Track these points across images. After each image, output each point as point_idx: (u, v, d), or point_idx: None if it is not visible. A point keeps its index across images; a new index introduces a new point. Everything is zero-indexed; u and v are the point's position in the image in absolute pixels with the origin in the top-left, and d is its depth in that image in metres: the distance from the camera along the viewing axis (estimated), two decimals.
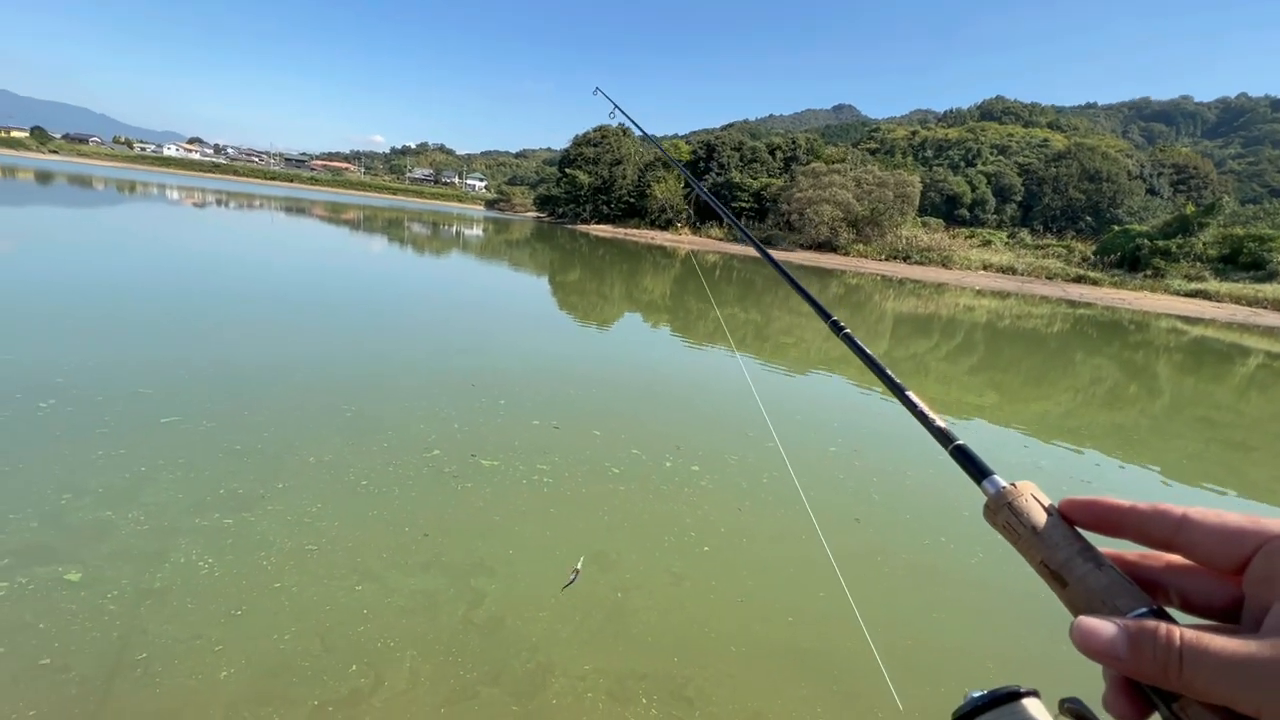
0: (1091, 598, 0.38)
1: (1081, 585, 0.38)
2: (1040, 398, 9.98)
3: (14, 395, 4.70)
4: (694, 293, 20.28)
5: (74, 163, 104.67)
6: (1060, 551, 0.40)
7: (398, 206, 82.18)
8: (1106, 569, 0.38)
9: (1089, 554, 0.39)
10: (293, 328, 8.42)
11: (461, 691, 2.53)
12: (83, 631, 2.60)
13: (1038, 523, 0.41)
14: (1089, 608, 0.37)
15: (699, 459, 5.08)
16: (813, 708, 2.70)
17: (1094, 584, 0.38)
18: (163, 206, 32.57)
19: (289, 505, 3.66)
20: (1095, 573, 0.38)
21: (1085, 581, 0.38)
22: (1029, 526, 0.42)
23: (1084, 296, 35.33)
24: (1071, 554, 0.39)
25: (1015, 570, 4.00)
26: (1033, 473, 5.88)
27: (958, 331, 17.41)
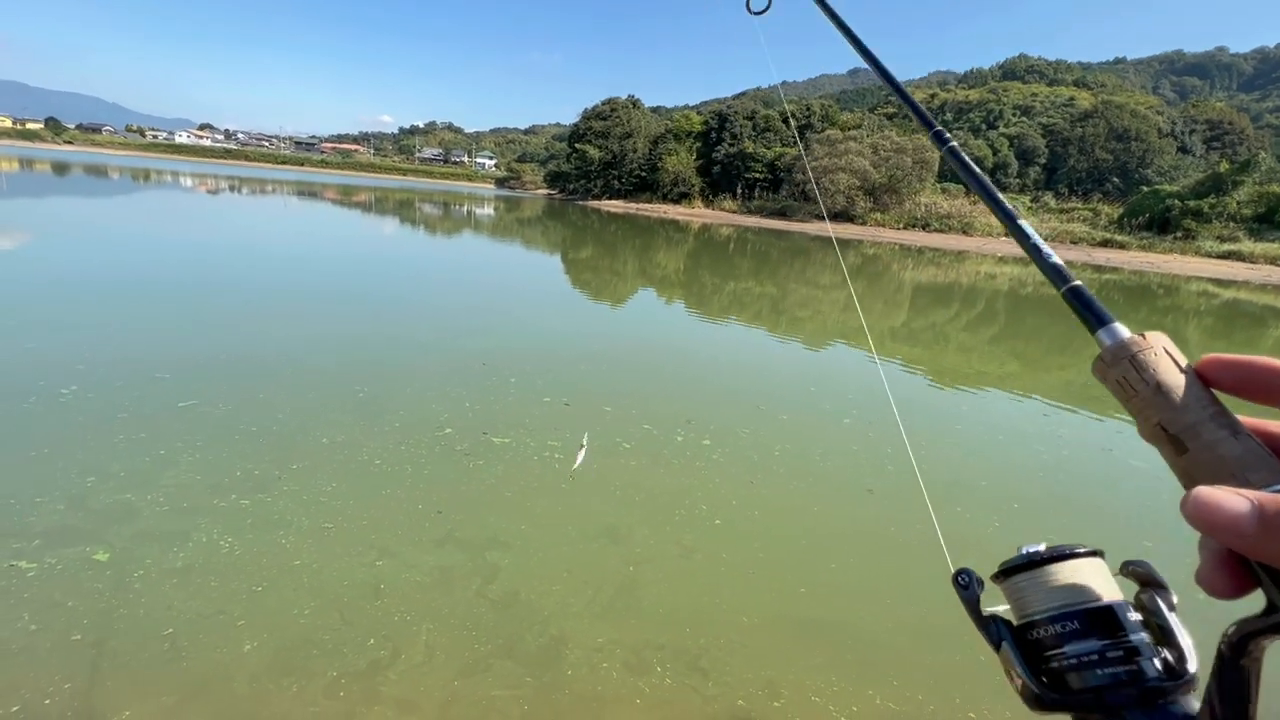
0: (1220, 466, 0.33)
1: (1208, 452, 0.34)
2: (1064, 366, 9.78)
3: (38, 383, 4.81)
4: (708, 267, 20.09)
5: (89, 152, 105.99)
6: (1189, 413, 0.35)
7: (408, 187, 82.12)
8: (1243, 438, 0.33)
9: (1224, 420, 0.34)
10: (306, 312, 8.49)
11: (476, 664, 2.57)
12: (110, 609, 2.68)
13: (1165, 380, 0.36)
14: (1214, 477, 0.33)
15: (711, 433, 5.06)
16: (826, 676, 2.70)
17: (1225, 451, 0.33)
18: (177, 194, 32.89)
19: (304, 485, 3.73)
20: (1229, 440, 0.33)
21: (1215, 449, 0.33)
22: (1151, 383, 0.36)
23: (1110, 261, 34.39)
24: (1203, 417, 0.34)
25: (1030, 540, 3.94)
26: (1051, 440, 5.79)
27: (978, 300, 17.08)
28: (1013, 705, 2.52)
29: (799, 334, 10.58)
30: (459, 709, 2.38)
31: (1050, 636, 0.38)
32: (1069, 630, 0.38)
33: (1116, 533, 4.13)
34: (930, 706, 2.56)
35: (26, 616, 2.59)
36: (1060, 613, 0.38)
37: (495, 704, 2.42)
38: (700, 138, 63.91)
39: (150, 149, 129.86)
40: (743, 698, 2.55)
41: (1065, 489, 4.73)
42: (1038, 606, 0.39)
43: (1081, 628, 0.37)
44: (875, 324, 12.30)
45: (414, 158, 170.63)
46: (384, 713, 2.34)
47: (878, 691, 2.62)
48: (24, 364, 5.29)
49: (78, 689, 2.33)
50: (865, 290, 17.28)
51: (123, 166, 62.66)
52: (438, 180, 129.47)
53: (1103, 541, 0.42)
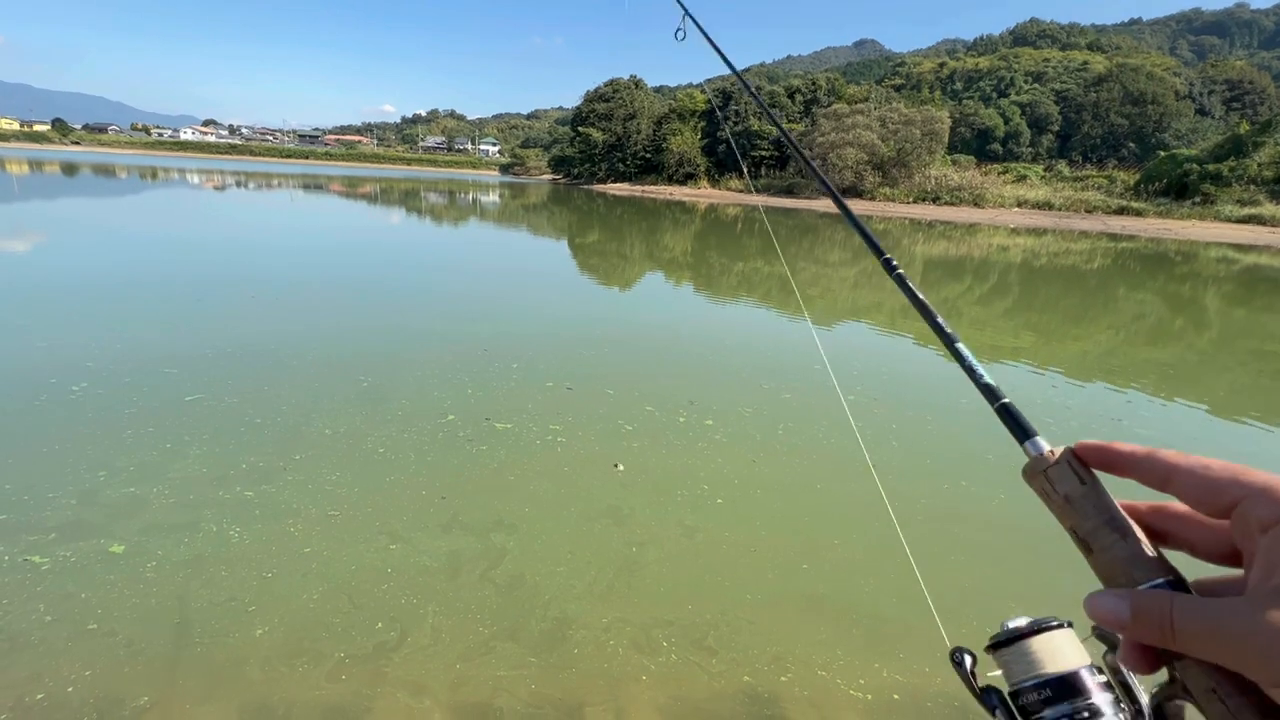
0: (1114, 568, 0.40)
1: (1106, 555, 0.40)
2: (1079, 337, 9.63)
3: (49, 380, 4.89)
4: (715, 248, 19.96)
5: (96, 152, 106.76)
6: (1089, 520, 0.42)
7: (413, 177, 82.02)
8: (1130, 540, 0.40)
9: (1116, 524, 0.41)
10: (310, 304, 8.55)
11: (481, 646, 2.61)
12: (123, 599, 2.74)
13: (1071, 490, 0.43)
14: (1110, 578, 0.40)
15: (713, 413, 5.05)
16: (832, 650, 2.71)
17: (1117, 555, 0.40)
18: (185, 191, 33.07)
19: (310, 475, 3.77)
20: (1119, 544, 0.40)
21: (1109, 552, 0.40)
22: (1062, 494, 0.43)
23: (1126, 229, 33.72)
24: (1099, 523, 0.41)
25: (1037, 511, 3.91)
26: (1060, 412, 5.72)
27: (991, 273, 16.83)
28: None
29: (807, 311, 10.50)
30: (468, 690, 2.41)
31: (1034, 702, 0.44)
32: (1044, 696, 0.43)
33: None
34: (938, 679, 2.56)
35: (42, 608, 2.65)
36: (1039, 681, 0.44)
37: (503, 683, 2.45)
38: (705, 116, 63.05)
39: (156, 147, 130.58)
40: (749, 674, 2.56)
41: None
42: (1021, 676, 0.45)
43: (1054, 694, 0.43)
44: (886, 300, 12.17)
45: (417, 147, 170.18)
46: (393, 694, 2.38)
47: (884, 665, 2.63)
48: (36, 362, 5.38)
49: (98, 676, 2.39)
50: (875, 267, 17.06)
51: (130, 165, 63.07)
52: (442, 169, 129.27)
53: None
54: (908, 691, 2.50)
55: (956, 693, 2.49)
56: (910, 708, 2.43)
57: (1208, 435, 5.48)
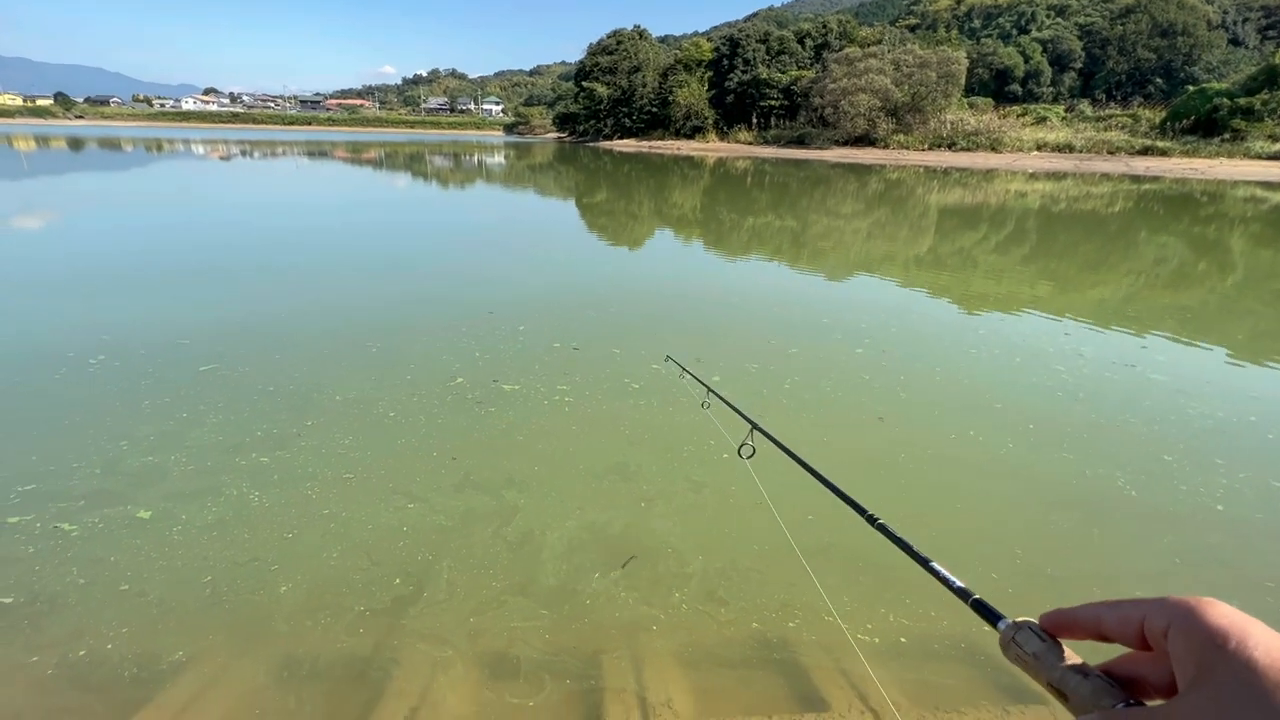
0: (1084, 703, 0.46)
1: (1076, 695, 0.46)
2: (1098, 284, 9.42)
3: (67, 354, 4.99)
4: (725, 203, 19.59)
5: (100, 126, 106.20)
6: (1056, 671, 0.48)
7: (417, 140, 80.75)
8: (1092, 678, 0.46)
9: (1077, 668, 0.48)
10: (318, 272, 8.57)
11: (492, 600, 2.69)
12: (150, 561, 2.85)
13: (1037, 649, 0.50)
14: (1082, 710, 0.46)
15: (719, 369, 5.05)
16: (839, 597, 2.76)
17: (1083, 692, 0.46)
18: (190, 162, 32.90)
19: (323, 440, 3.85)
20: (1083, 683, 0.46)
21: (1078, 691, 0.46)
22: (1031, 653, 0.50)
23: (1150, 170, 32.51)
24: (1064, 671, 0.48)
25: (1045, 458, 3.95)
26: (1072, 360, 5.64)
27: (1008, 220, 16.39)
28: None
29: (819, 266, 10.34)
30: (484, 640, 2.49)
31: None
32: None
33: (1132, 449, 4.06)
34: (944, 622, 2.60)
35: (75, 571, 2.77)
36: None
37: (518, 634, 2.53)
38: (711, 66, 60.96)
39: (159, 118, 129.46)
40: (757, 621, 2.62)
41: (1083, 408, 4.64)
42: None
43: None
44: (899, 252, 11.94)
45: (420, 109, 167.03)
46: (414, 645, 2.47)
47: (890, 610, 2.67)
48: (54, 336, 5.49)
49: (134, 633, 2.51)
50: (888, 217, 16.70)
51: (134, 138, 62.71)
52: (445, 131, 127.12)
53: (1119, 458, 0.48)
54: (914, 635, 2.54)
55: (963, 635, 2.54)
56: (917, 650, 2.48)
57: (1225, 379, 5.39)
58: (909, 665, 2.41)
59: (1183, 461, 3.88)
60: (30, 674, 2.28)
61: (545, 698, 2.23)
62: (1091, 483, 3.65)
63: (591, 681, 2.30)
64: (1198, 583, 2.89)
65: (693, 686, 2.29)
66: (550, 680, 2.31)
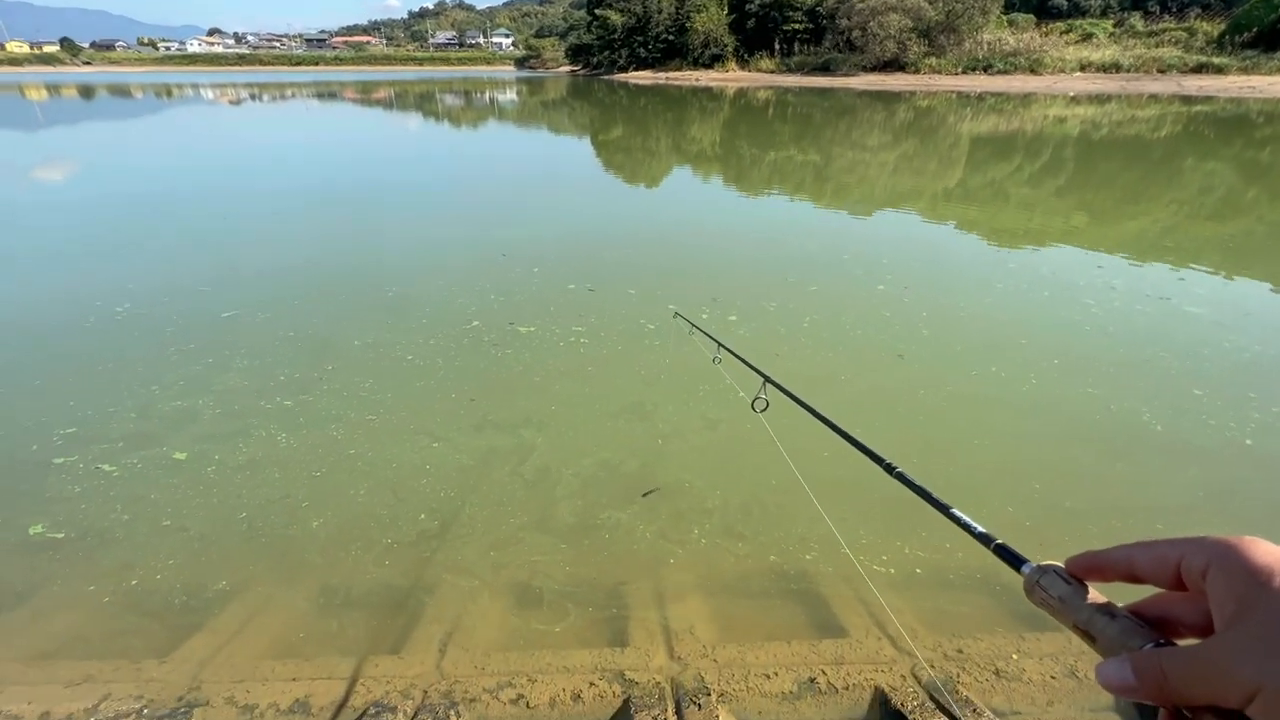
0: (1112, 644, 0.44)
1: (1103, 636, 0.45)
2: (1137, 215, 8.96)
3: (95, 303, 5.11)
4: (745, 136, 18.86)
5: (108, 72, 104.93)
6: (1083, 612, 0.47)
7: (426, 78, 78.43)
8: (1120, 618, 0.45)
9: (1103, 609, 0.46)
10: (334, 217, 8.54)
11: (511, 536, 2.78)
12: (188, 499, 2.99)
13: (1063, 592, 0.49)
14: (1111, 652, 0.44)
15: (737, 308, 4.99)
16: (855, 530, 2.79)
17: (1111, 633, 0.44)
18: (202, 108, 32.50)
19: (344, 383, 3.93)
20: (1110, 623, 0.45)
21: (1105, 633, 0.45)
22: (1057, 597, 0.49)
23: (1203, 89, 30.33)
24: (1091, 613, 0.46)
25: (1069, 394, 3.87)
26: (1104, 293, 5.44)
27: (1044, 149, 15.53)
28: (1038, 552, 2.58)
29: (842, 202, 9.99)
30: (507, 572, 2.59)
31: None
32: None
33: (1161, 383, 3.95)
34: (959, 554, 2.62)
35: (119, 508, 2.92)
36: None
37: (539, 567, 2.62)
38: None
39: (165, 62, 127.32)
40: (775, 554, 2.67)
41: (1111, 342, 4.50)
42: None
43: None
44: (927, 186, 11.47)
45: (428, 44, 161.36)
46: (440, 575, 2.58)
47: (905, 542, 2.70)
48: (81, 286, 5.61)
49: (180, 565, 2.65)
50: (916, 149, 15.95)
51: (144, 84, 61.92)
52: (455, 67, 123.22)
53: (1146, 392, 0.44)
54: (930, 566, 2.58)
55: (979, 566, 2.56)
56: (933, 580, 2.52)
57: (1267, 311, 5.17)
58: (925, 595, 2.45)
59: (1214, 396, 3.78)
60: (90, 602, 2.44)
61: (570, 624, 2.33)
62: (1116, 417, 3.59)
63: (614, 610, 2.38)
64: (1221, 516, 2.86)
65: (714, 614, 2.36)
66: (573, 609, 2.40)
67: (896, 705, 1.90)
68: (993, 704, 1.94)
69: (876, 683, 1.99)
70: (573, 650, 2.14)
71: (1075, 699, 1.94)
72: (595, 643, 2.22)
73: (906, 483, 0.90)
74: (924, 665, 2.06)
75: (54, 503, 2.94)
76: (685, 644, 2.18)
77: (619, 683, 1.99)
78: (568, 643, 2.23)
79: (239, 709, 1.94)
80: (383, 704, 1.94)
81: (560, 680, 2.00)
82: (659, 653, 2.14)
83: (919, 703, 1.90)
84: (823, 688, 1.99)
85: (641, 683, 1.99)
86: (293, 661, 2.13)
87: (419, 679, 2.04)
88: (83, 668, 2.09)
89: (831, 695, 1.97)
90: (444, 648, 2.19)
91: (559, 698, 1.95)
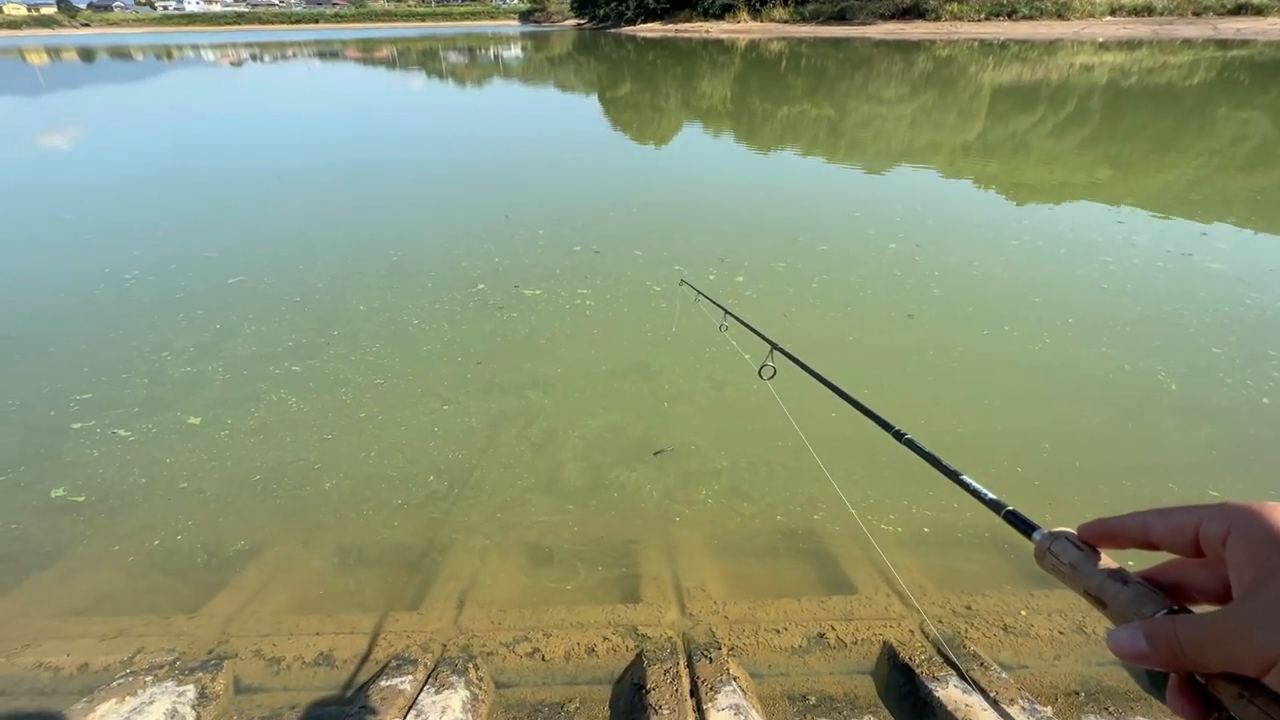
0: (1124, 610, 0.44)
1: (1115, 602, 0.44)
2: (1164, 168, 8.64)
3: (104, 270, 5.14)
4: (757, 91, 18.27)
5: (108, 34, 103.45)
6: (1095, 578, 0.46)
7: (429, 35, 76.44)
8: (1132, 584, 0.44)
9: (1115, 574, 0.46)
10: (337, 180, 8.46)
11: (518, 498, 2.81)
12: (203, 463, 3.05)
13: (1074, 558, 0.49)
14: (1122, 618, 0.44)
15: (744, 269, 4.91)
16: (862, 490, 2.79)
17: (1123, 599, 0.44)
18: (203, 70, 32.02)
19: (351, 348, 3.95)
20: (1123, 589, 0.44)
21: (1117, 598, 0.44)
22: (1067, 562, 0.49)
23: (1241, 32, 28.84)
24: (1103, 578, 0.46)
25: (1082, 353, 3.80)
26: (1122, 249, 5.29)
27: (1069, 99, 14.92)
28: (1047, 511, 2.59)
29: (856, 159, 9.72)
30: (516, 532, 2.63)
31: None
32: None
33: (1178, 342, 3.87)
34: (967, 514, 2.62)
35: (137, 472, 2.98)
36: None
37: (547, 527, 2.66)
38: None
39: (164, 23, 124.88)
40: (781, 514, 2.69)
41: (1129, 300, 4.39)
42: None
43: None
44: (945, 140, 11.10)
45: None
46: (450, 535, 2.63)
47: (913, 501, 2.70)
48: (88, 254, 5.64)
49: (199, 526, 2.72)
50: (935, 102, 15.39)
51: (143, 45, 60.96)
52: (458, 22, 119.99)
53: (1162, 351, 0.40)
54: (938, 525, 2.59)
55: (987, 525, 2.56)
56: (941, 539, 2.53)
57: None
58: (934, 553, 2.46)
59: (1232, 354, 3.69)
60: (115, 561, 2.52)
61: (581, 582, 2.38)
62: (1129, 377, 3.53)
63: (624, 569, 2.42)
64: (1232, 474, 2.83)
65: (724, 573, 2.39)
66: (583, 567, 2.45)
67: (905, 659, 1.94)
68: (1000, 658, 1.97)
69: (885, 638, 2.03)
70: (586, 606, 2.19)
71: (1083, 654, 1.97)
72: (607, 599, 2.26)
73: (916, 449, 0.89)
74: (931, 621, 2.08)
75: (74, 466, 3.01)
76: (697, 601, 2.21)
77: (632, 637, 2.04)
78: (580, 599, 2.28)
79: (267, 661, 2.02)
80: (404, 657, 2.01)
81: (575, 635, 2.06)
82: (671, 609, 2.18)
83: (926, 657, 1.94)
84: (831, 643, 2.02)
85: (654, 637, 2.04)
86: (315, 617, 2.20)
87: (437, 633, 2.10)
88: (115, 623, 2.18)
89: (840, 650, 2.01)
90: (461, 604, 2.25)
91: (573, 651, 2.01)
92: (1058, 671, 1.93)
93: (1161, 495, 2.69)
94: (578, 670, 1.97)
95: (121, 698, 1.86)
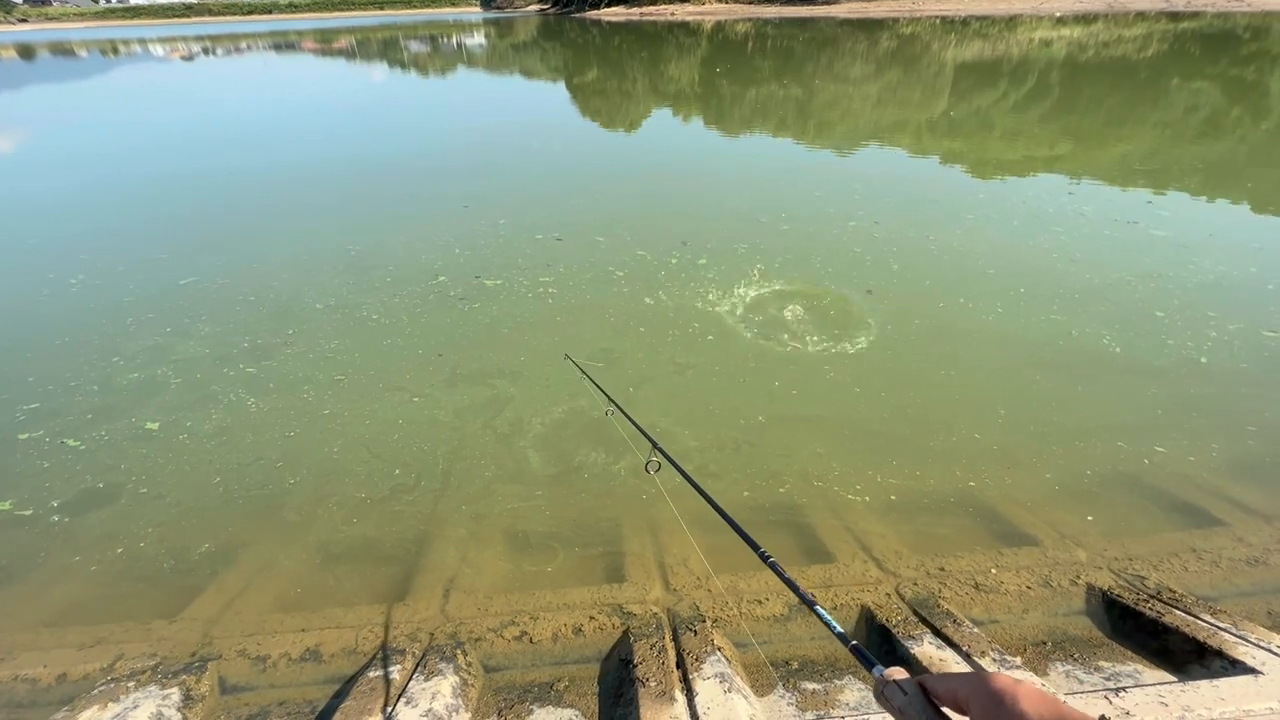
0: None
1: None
2: (1121, 139, 8.84)
3: (48, 275, 4.96)
4: (724, 74, 18.20)
5: (48, 29, 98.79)
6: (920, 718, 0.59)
7: (389, 23, 74.52)
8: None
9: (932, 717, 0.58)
10: (292, 173, 8.27)
11: (484, 488, 2.81)
12: (159, 468, 2.98)
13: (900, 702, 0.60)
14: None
15: (707, 251, 4.93)
16: (827, 463, 2.85)
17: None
18: (151, 65, 30.83)
19: (310, 346, 3.89)
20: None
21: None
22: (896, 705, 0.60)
23: (1190, 4, 29.49)
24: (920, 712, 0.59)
25: (1033, 321, 3.90)
26: (1072, 220, 5.43)
27: (1029, 75, 15.15)
28: (1011, 476, 2.67)
29: (823, 139, 9.76)
30: (489, 521, 2.63)
31: None
32: None
33: (1123, 307, 4.00)
34: (931, 481, 2.70)
35: (90, 479, 2.91)
36: None
37: (519, 513, 2.67)
38: None
39: (107, 16, 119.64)
40: (748, 489, 2.73)
41: (1077, 268, 4.52)
42: None
43: None
44: (910, 118, 11.21)
45: None
46: (418, 527, 2.61)
47: (878, 471, 2.77)
48: (30, 258, 5.43)
49: (162, 531, 2.67)
50: (900, 79, 15.50)
51: (87, 41, 58.36)
52: (418, 10, 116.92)
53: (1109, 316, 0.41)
54: (903, 492, 2.66)
55: (950, 491, 2.63)
56: (907, 505, 2.60)
57: (1232, 233, 5.18)
58: (904, 519, 2.53)
59: (1174, 317, 3.83)
60: (79, 571, 2.47)
61: (561, 564, 2.40)
62: (1077, 342, 3.64)
63: (602, 548, 2.45)
64: (1176, 431, 2.94)
65: (705, 549, 2.42)
66: (560, 549, 2.46)
67: (882, 621, 2.01)
68: (972, 614, 2.05)
69: (863, 601, 2.09)
70: (571, 588, 2.22)
71: (1049, 605, 2.06)
72: (591, 580, 2.30)
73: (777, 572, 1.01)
74: (906, 583, 2.15)
75: (23, 478, 2.92)
76: (679, 576, 2.25)
77: (618, 615, 2.08)
78: (564, 581, 2.30)
79: (251, 660, 2.01)
80: (392, 647, 2.02)
81: (561, 616, 2.08)
82: (655, 585, 2.21)
83: (903, 617, 2.01)
84: None
85: (639, 614, 2.07)
86: (299, 614, 2.18)
87: (424, 623, 2.11)
88: (92, 632, 2.14)
89: None
90: (445, 593, 2.26)
91: (561, 632, 2.04)
92: (1026, 624, 2.01)
93: (1112, 453, 2.79)
94: (566, 650, 2.00)
95: (104, 704, 1.84)
